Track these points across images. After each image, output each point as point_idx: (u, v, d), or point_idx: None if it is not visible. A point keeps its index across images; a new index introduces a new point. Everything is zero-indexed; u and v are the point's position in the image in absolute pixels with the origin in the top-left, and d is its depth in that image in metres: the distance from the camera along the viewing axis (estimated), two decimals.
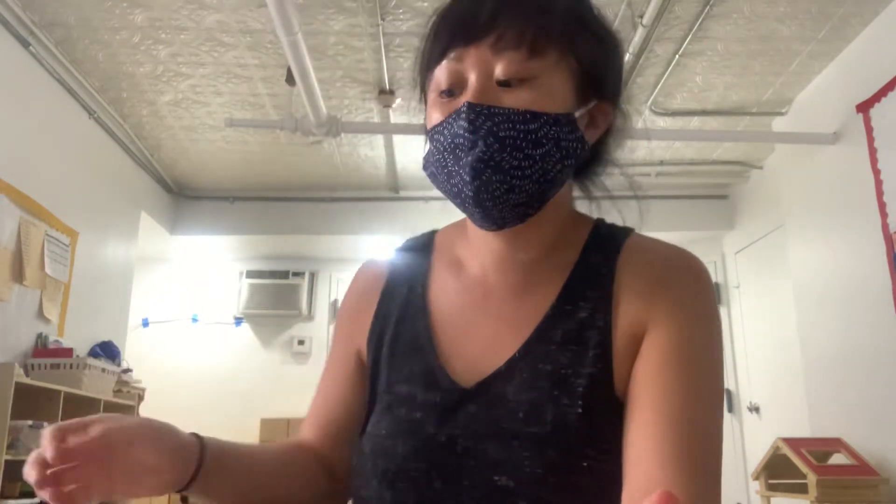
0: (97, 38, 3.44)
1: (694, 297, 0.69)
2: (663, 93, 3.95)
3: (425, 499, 0.66)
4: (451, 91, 0.70)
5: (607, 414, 0.66)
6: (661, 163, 4.83)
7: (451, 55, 0.70)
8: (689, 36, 3.37)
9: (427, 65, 0.73)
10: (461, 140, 0.67)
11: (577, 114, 0.71)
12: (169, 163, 4.92)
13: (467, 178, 0.67)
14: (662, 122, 4.23)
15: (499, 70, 0.68)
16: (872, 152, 3.37)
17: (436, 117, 0.71)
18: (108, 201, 4.29)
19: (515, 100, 0.68)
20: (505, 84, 0.68)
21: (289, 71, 3.47)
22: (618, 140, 0.78)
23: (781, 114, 4.17)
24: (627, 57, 3.46)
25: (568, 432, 0.64)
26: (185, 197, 5.36)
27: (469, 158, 0.67)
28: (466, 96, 0.68)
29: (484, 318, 0.74)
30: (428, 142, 0.73)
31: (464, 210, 0.72)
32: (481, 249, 0.77)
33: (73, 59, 3.61)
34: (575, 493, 0.63)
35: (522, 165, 0.67)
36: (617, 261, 0.72)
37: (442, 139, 0.70)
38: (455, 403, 0.69)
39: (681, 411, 0.62)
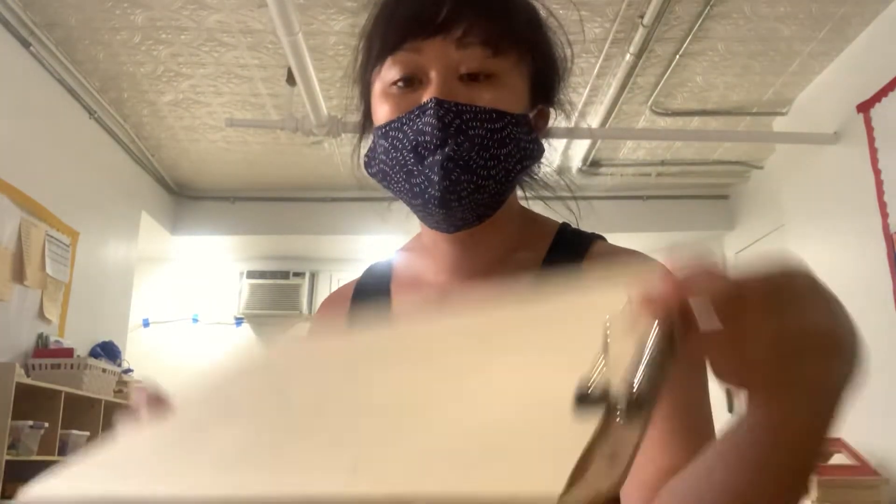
0: (98, 38, 3.44)
1: None
2: (664, 93, 3.94)
3: None
4: (410, 80, 0.67)
5: None
6: (662, 163, 4.83)
7: (407, 46, 0.66)
8: (690, 36, 3.37)
9: (378, 56, 0.68)
10: (427, 138, 0.65)
11: (531, 115, 0.71)
12: (169, 163, 4.92)
13: (435, 178, 0.65)
14: (662, 122, 4.23)
15: (464, 65, 0.66)
16: (873, 152, 3.37)
17: (387, 110, 0.68)
18: (109, 201, 4.29)
19: (479, 97, 0.66)
20: (470, 80, 0.66)
21: (289, 71, 3.47)
22: (550, 140, 0.78)
23: (782, 114, 4.17)
24: (627, 57, 3.46)
25: None
26: (185, 197, 5.36)
27: (438, 157, 0.65)
28: (430, 91, 0.65)
29: None
30: (377, 138, 0.70)
31: (423, 210, 0.69)
32: (438, 257, 0.76)
33: (73, 60, 3.61)
34: None
35: (488, 165, 0.66)
36: (582, 265, 0.72)
37: (401, 136, 0.67)
38: None
39: (673, 400, 0.61)
